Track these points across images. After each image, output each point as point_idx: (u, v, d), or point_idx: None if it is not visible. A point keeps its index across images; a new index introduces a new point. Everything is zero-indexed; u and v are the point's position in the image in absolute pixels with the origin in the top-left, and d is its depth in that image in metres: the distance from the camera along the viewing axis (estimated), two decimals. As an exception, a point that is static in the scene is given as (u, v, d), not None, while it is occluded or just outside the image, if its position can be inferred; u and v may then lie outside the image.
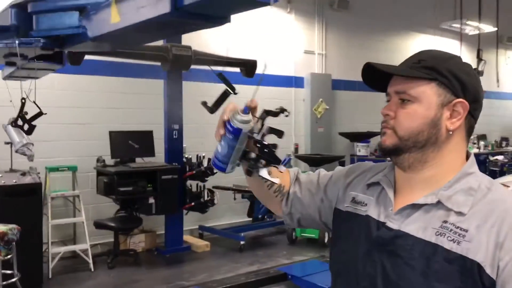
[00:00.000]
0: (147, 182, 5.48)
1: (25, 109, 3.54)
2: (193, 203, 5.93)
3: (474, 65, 8.55)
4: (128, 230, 5.75)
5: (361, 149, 8.37)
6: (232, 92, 1.15)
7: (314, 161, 7.06)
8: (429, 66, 1.08)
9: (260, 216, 6.86)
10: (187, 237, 6.31)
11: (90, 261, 5.25)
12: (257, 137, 1.08)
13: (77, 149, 5.80)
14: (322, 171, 1.38)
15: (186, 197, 5.95)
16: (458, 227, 1.00)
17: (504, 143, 11.57)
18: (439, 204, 1.04)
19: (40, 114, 3.53)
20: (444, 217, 1.03)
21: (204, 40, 6.40)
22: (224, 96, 1.16)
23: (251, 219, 7.04)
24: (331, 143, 8.36)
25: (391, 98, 1.12)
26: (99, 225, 5.40)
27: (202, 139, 6.78)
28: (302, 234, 6.42)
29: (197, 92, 6.76)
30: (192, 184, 6.13)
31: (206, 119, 6.85)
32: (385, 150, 1.11)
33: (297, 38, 8.00)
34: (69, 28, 1.48)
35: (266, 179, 1.10)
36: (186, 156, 6.05)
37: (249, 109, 1.11)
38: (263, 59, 6.69)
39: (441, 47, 10.25)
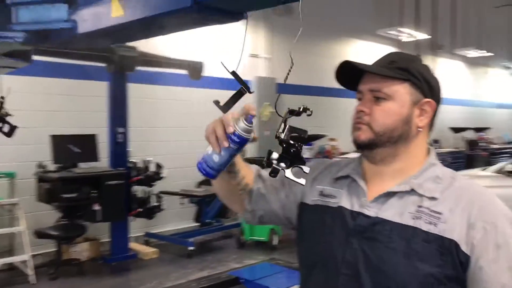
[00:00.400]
0: (91, 188, 5.25)
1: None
2: (140, 209, 5.75)
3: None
4: (72, 238, 5.47)
5: (305, 152, 8.50)
6: (247, 91, 1.11)
7: (261, 164, 7.05)
8: (402, 67, 1.15)
9: (208, 220, 6.77)
10: (133, 245, 6.10)
11: (31, 272, 4.94)
12: (283, 136, 1.05)
13: (15, 154, 5.45)
14: None
15: (132, 203, 5.76)
16: (432, 211, 1.09)
17: (435, 146, 12.18)
18: (412, 191, 1.13)
19: None
20: (418, 203, 1.11)
21: (149, 41, 6.23)
22: (238, 95, 1.12)
23: (198, 224, 6.94)
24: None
25: (364, 96, 1.18)
26: (40, 234, 5.10)
27: (147, 143, 6.62)
28: (251, 237, 6.41)
29: (143, 94, 6.61)
30: (138, 190, 5.95)
31: (152, 122, 6.77)
32: (360, 144, 1.17)
33: (243, 42, 8.00)
34: (56, 21, 1.36)
35: (293, 180, 1.07)
36: (131, 160, 5.86)
37: (253, 117, 1.11)
38: (220, 61, 6.64)
39: (378, 53, 10.64)
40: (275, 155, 1.07)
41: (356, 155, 1.32)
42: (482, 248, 1.05)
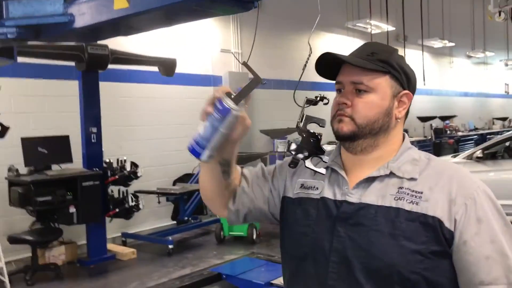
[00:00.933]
0: (66, 190, 5.13)
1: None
2: (117, 210, 5.66)
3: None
4: (48, 242, 5.35)
5: (279, 146, 8.53)
6: (260, 82, 1.09)
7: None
8: (383, 60, 1.17)
9: (185, 218, 6.72)
10: (110, 246, 6.00)
11: (6, 279, 4.80)
12: (301, 126, 1.04)
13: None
14: (263, 165, 1.44)
15: (109, 203, 5.66)
16: (413, 191, 1.12)
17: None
18: (391, 174, 1.16)
19: None
20: (398, 184, 1.15)
21: (119, 39, 6.11)
22: (251, 86, 1.10)
23: (176, 222, 6.88)
24: (251, 140, 8.43)
25: (345, 87, 1.19)
26: (14, 240, 4.95)
27: (121, 142, 6.51)
28: (230, 233, 6.41)
29: (116, 93, 6.50)
30: (114, 190, 5.85)
31: (125, 121, 6.65)
32: (343, 136, 1.19)
33: (214, 38, 7.96)
34: (52, 16, 1.30)
35: (313, 170, 1.06)
36: (106, 160, 5.76)
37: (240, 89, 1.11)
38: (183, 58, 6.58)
39: (348, 45, 10.78)
40: (293, 146, 1.06)
41: (330, 147, 1.35)
42: (465, 223, 1.09)
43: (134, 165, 5.76)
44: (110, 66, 5.65)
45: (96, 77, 5.61)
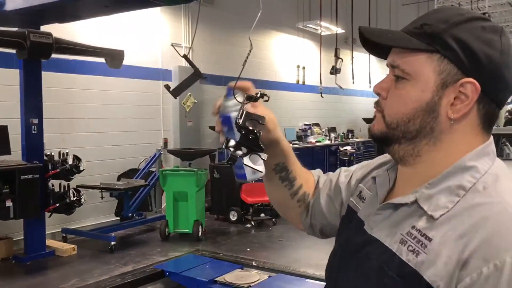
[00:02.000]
0: (3, 183, 4.90)
1: None
2: (57, 204, 5.47)
3: (332, 63, 9.33)
4: (-19, 238, 5.09)
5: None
6: (200, 76, 1.06)
7: (186, 155, 7.00)
8: (431, 33, 0.84)
9: (130, 214, 6.59)
10: (49, 242, 5.78)
11: None
12: (241, 122, 1.00)
13: None
14: (343, 169, 1.19)
15: (49, 198, 5.46)
16: (424, 235, 0.79)
17: (350, 135, 12.77)
18: (415, 204, 0.84)
19: None
20: (415, 221, 0.82)
21: (66, 28, 5.91)
22: (190, 80, 1.06)
23: (120, 218, 6.74)
24: (200, 136, 8.38)
25: (389, 72, 0.91)
26: None
27: (63, 135, 6.30)
28: (175, 230, 6.34)
29: (59, 83, 6.27)
30: (55, 184, 5.65)
31: (69, 113, 6.43)
32: (373, 137, 0.93)
33: (164, 31, 7.84)
34: None
35: (251, 167, 1.03)
36: (47, 153, 5.54)
37: (233, 91, 1.03)
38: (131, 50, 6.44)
39: (298, 45, 10.95)
40: (232, 143, 1.02)
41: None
42: None
43: (76, 158, 5.58)
44: (54, 56, 5.44)
45: (38, 66, 5.39)
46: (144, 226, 6.84)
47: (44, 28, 5.32)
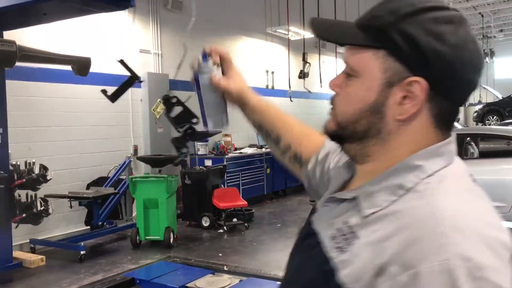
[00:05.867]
0: (-34, 194, 4.79)
1: None
2: (24, 215, 5.36)
3: (300, 68, 9.43)
4: None
5: (200, 148, 8.52)
6: (136, 79, 1.14)
7: (157, 161, 6.97)
8: (378, 27, 0.77)
9: (99, 223, 6.52)
10: (16, 253, 5.66)
11: None
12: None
13: None
14: (333, 149, 1.09)
15: (15, 208, 5.35)
16: (352, 232, 0.75)
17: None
18: (355, 200, 0.79)
19: None
20: (349, 217, 0.78)
21: (31, 35, 5.83)
22: (127, 84, 1.14)
23: (89, 227, 6.65)
24: (171, 143, 8.33)
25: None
26: None
27: (29, 144, 6.19)
28: (146, 237, 6.30)
29: (24, 92, 6.17)
30: (22, 194, 5.54)
31: (34, 122, 6.33)
32: (327, 135, 0.88)
33: (133, 37, 7.81)
34: None
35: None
36: (12, 163, 5.44)
37: (209, 55, 1.15)
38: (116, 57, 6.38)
39: (267, 50, 11.03)
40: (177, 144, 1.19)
41: (250, 150, 1.28)
42: None
43: (43, 167, 5.49)
44: (18, 64, 5.35)
45: (2, 75, 5.29)
46: (115, 235, 6.77)
47: (7, 35, 5.25)
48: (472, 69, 0.77)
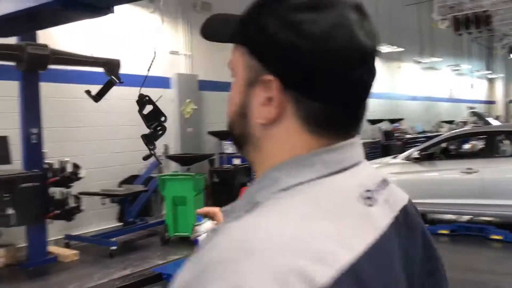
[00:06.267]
0: (4, 191, 5.05)
1: None
2: (57, 211, 5.61)
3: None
4: (-16, 245, 5.24)
5: (229, 147, 8.62)
6: (118, 81, 1.20)
7: (185, 160, 7.11)
8: (240, 20, 0.70)
9: (131, 219, 6.71)
10: (52, 248, 5.93)
11: None
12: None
13: None
14: None
15: (49, 205, 5.60)
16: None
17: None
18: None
19: None
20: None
21: (64, 38, 6.07)
22: (109, 85, 1.20)
23: (121, 223, 6.86)
24: (200, 142, 8.49)
25: None
26: None
27: (64, 143, 6.45)
28: (175, 234, 6.44)
29: (57, 93, 6.43)
30: (56, 191, 5.79)
31: (67, 122, 6.58)
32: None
33: (162, 39, 7.98)
34: None
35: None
36: (47, 162, 5.69)
37: (204, 216, 1.20)
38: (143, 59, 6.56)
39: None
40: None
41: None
42: None
43: (75, 166, 5.72)
44: (52, 66, 5.60)
45: (36, 78, 5.55)
46: (146, 231, 6.95)
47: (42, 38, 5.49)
48: (344, 62, 0.62)
